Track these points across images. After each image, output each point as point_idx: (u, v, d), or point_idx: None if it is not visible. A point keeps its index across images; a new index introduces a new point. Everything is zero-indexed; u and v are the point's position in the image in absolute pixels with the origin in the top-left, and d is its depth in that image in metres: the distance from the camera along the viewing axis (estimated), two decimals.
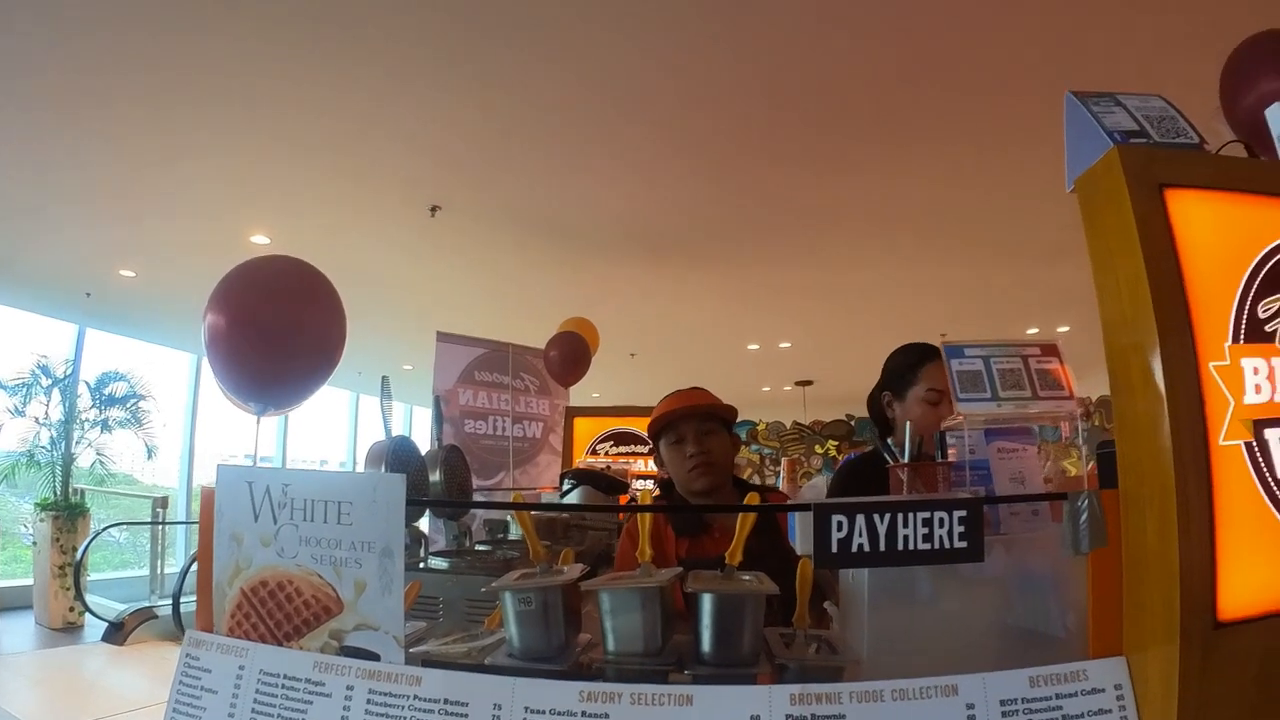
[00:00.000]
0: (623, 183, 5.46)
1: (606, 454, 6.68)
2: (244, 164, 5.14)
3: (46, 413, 8.42)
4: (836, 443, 13.32)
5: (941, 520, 1.21)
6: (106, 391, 8.84)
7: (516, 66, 4.02)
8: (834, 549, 1.20)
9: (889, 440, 2.41)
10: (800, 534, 1.33)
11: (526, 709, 1.17)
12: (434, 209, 5.67)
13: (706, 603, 1.27)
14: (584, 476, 2.94)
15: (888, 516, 1.21)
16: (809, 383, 12.03)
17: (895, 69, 4.05)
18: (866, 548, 1.20)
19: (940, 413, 2.11)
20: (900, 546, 1.21)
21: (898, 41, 3.82)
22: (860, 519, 1.20)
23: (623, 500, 3.27)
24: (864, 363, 10.96)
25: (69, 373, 8.73)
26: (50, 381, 8.48)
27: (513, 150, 4.95)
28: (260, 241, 6.29)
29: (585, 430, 7.28)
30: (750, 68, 4.07)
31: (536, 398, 5.63)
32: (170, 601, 6.68)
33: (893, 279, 7.52)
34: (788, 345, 10.52)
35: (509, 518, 2.55)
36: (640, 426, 7.26)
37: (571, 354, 5.40)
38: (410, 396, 13.50)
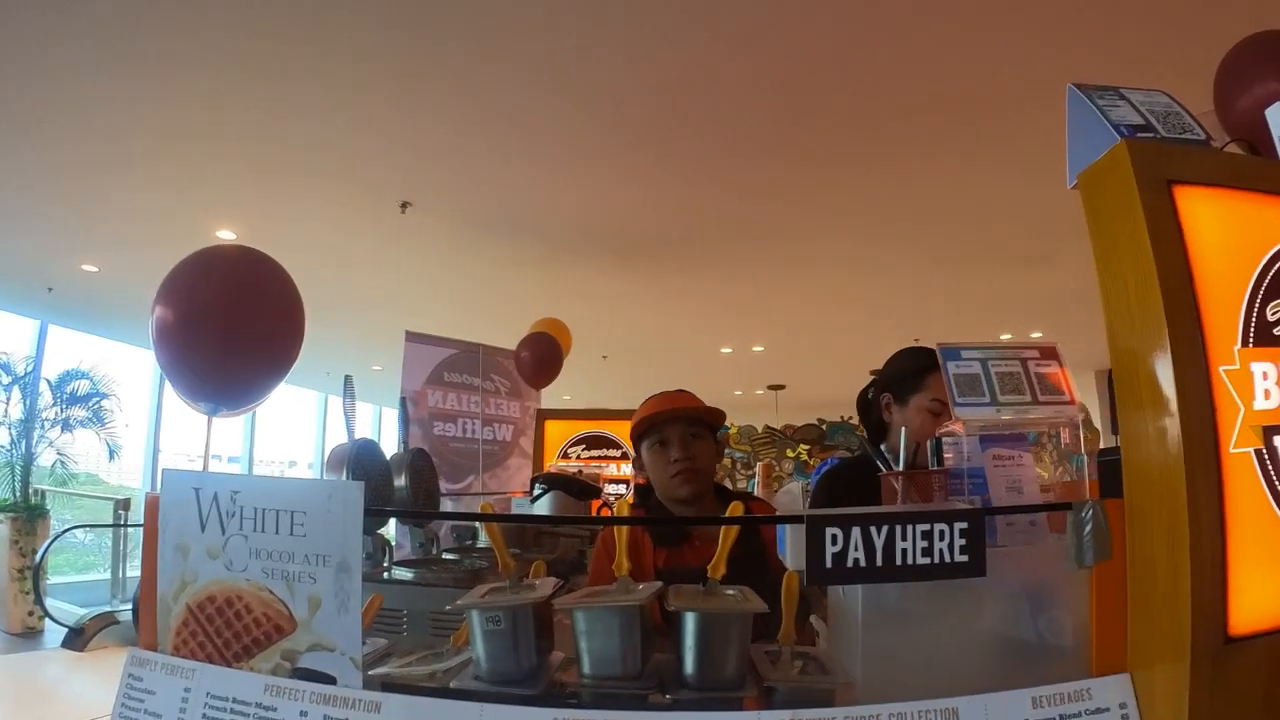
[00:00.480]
0: (595, 184, 5.40)
1: (579, 458, 6.59)
2: (210, 158, 5.02)
3: (6, 411, 8.25)
4: (808, 446, 13.31)
5: (942, 533, 1.15)
6: (68, 389, 8.67)
7: (487, 63, 3.95)
8: (828, 564, 1.13)
9: (881, 445, 2.36)
10: (791, 548, 1.26)
11: None
12: (404, 205, 5.57)
13: (690, 622, 1.19)
14: (555, 481, 2.84)
15: (885, 529, 1.14)
16: (781, 387, 12.04)
17: (871, 74, 4.03)
18: (863, 562, 1.13)
19: (940, 423, 2.06)
20: (898, 561, 1.14)
21: (872, 45, 3.79)
22: (856, 531, 1.13)
23: (594, 505, 3.18)
24: (836, 367, 11.05)
25: (30, 370, 8.55)
26: (10, 379, 8.30)
27: (484, 147, 4.87)
28: (226, 237, 6.15)
29: (557, 433, 7.18)
30: (723, 71, 4.03)
31: (507, 400, 5.55)
32: (132, 606, 6.55)
33: (866, 284, 7.52)
34: (761, 349, 10.51)
35: (477, 525, 2.46)
36: (614, 430, 7.18)
37: (543, 355, 5.32)
38: (379, 398, 13.35)
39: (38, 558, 7.53)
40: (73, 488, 9.07)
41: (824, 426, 13.39)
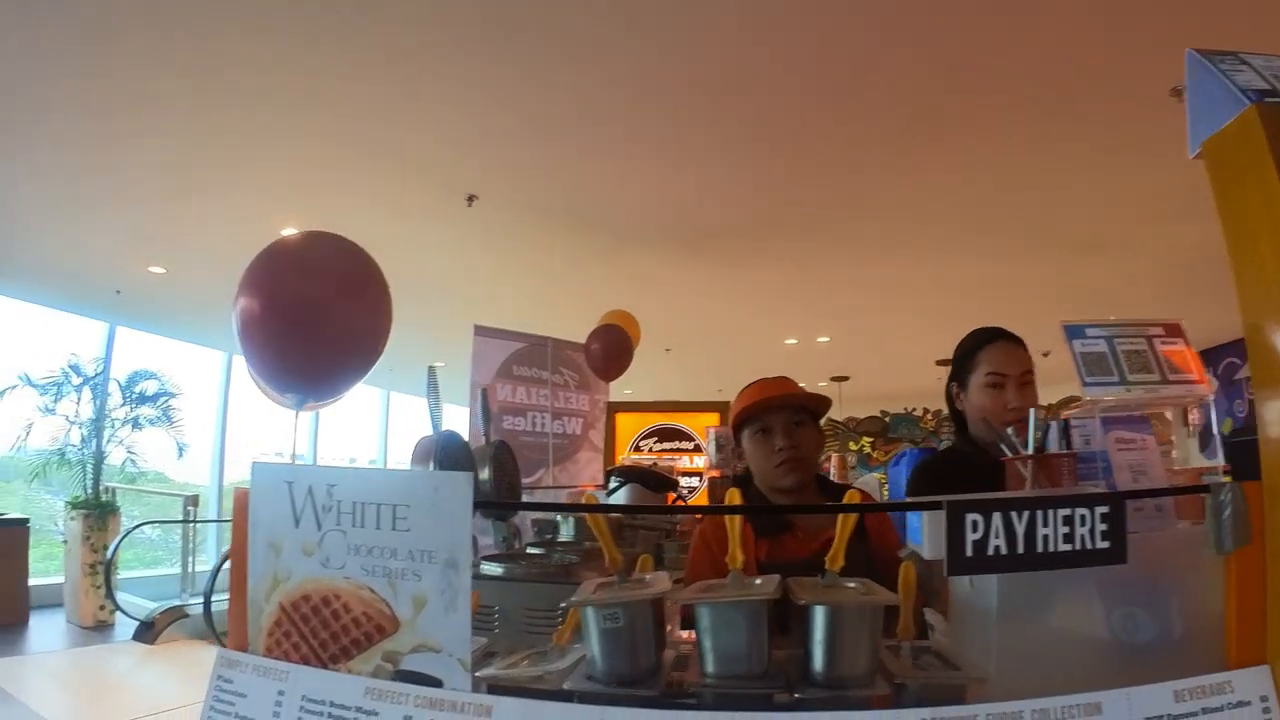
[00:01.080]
0: (661, 175, 5.32)
1: (650, 450, 6.53)
2: (274, 157, 5.05)
3: (77, 411, 8.46)
4: (871, 439, 13.09)
5: (1083, 518, 1.07)
6: (137, 389, 8.87)
7: (553, 55, 3.91)
8: (969, 552, 1.05)
9: (968, 434, 2.27)
10: (929, 537, 1.17)
11: None
12: (471, 199, 5.52)
13: (820, 616, 1.11)
14: (631, 474, 2.77)
15: (1025, 515, 1.07)
16: (845, 378, 11.82)
17: (933, 61, 3.92)
18: (1004, 550, 1.06)
19: (1004, 398, 2.03)
20: (1039, 548, 1.06)
21: (941, 27, 3.66)
22: (997, 518, 1.06)
23: (669, 497, 3.11)
24: (899, 358, 10.87)
25: (99, 371, 8.77)
26: (81, 380, 8.51)
27: (550, 138, 4.82)
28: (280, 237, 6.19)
29: (628, 426, 7.14)
30: (788, 61, 3.94)
31: (576, 393, 5.51)
32: (201, 600, 6.66)
33: (930, 273, 7.35)
34: (825, 340, 10.31)
35: (558, 518, 2.39)
36: (685, 422, 7.13)
37: (614, 347, 5.26)
38: (446, 394, 13.42)
39: (109, 553, 7.71)
40: (141, 485, 9.28)
41: (887, 419, 13.16)
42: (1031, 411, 1.50)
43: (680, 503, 3.15)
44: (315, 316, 1.40)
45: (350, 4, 3.48)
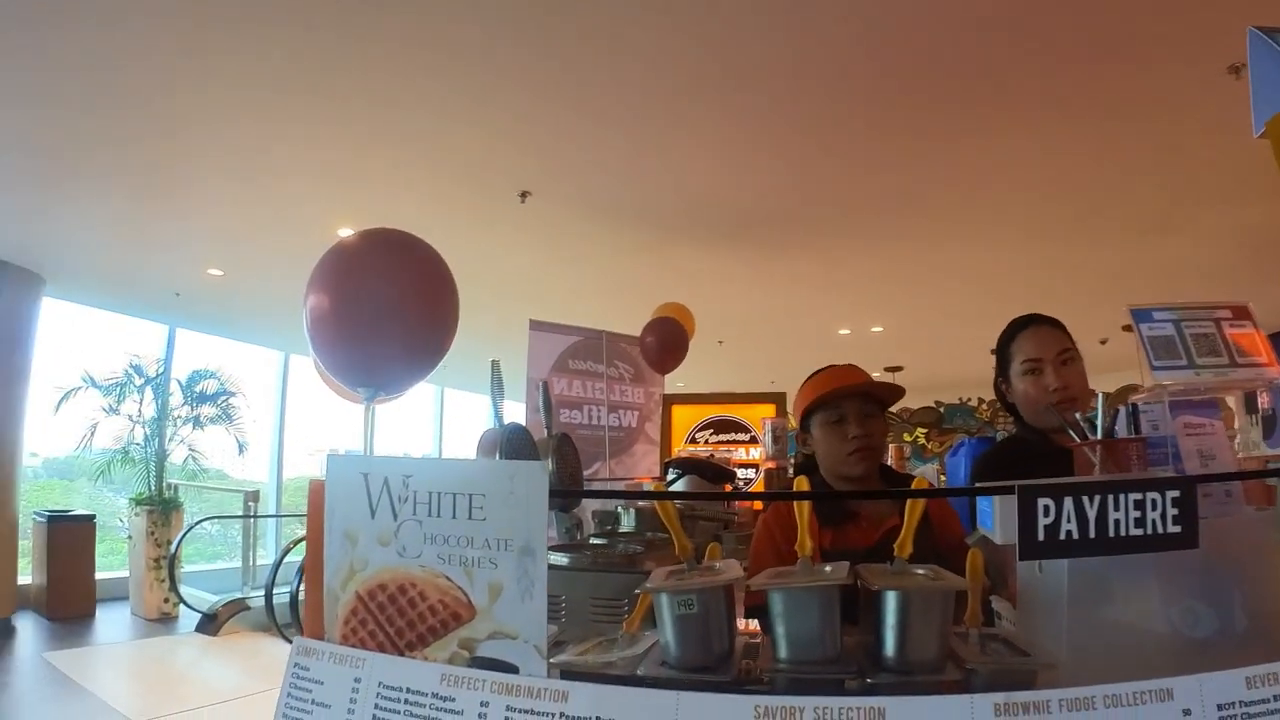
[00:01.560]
0: (712, 167, 5.30)
1: (707, 442, 6.53)
2: (328, 157, 5.13)
3: (140, 411, 8.72)
4: (925, 430, 12.92)
5: (1154, 502, 1.06)
6: (197, 389, 9.10)
7: (604, 50, 3.91)
8: (1041, 537, 1.05)
9: (1026, 424, 2.25)
10: (1001, 521, 1.16)
11: None
12: (524, 195, 5.55)
13: (893, 601, 1.12)
14: (689, 465, 2.79)
15: (1096, 499, 1.06)
16: (899, 368, 11.64)
17: (988, 43, 3.82)
18: (1075, 534, 1.05)
19: (1044, 381, 2.00)
20: (1110, 533, 1.06)
21: (986, 11, 3.57)
22: (1068, 502, 1.05)
23: (726, 488, 3.11)
24: (954, 347, 10.66)
25: (160, 371, 9.01)
26: (143, 380, 8.77)
27: (602, 134, 4.82)
28: (346, 235, 6.26)
29: (683, 418, 7.15)
30: (838, 49, 3.89)
31: (631, 386, 5.52)
32: (263, 593, 6.83)
33: (986, 258, 7.20)
34: (879, 329, 10.18)
35: (619, 509, 2.42)
36: (741, 414, 7.11)
37: (669, 339, 5.26)
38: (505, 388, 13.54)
39: (172, 548, 7.94)
40: (202, 482, 9.53)
41: (941, 409, 12.98)
42: (1100, 395, 1.48)
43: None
44: (389, 312, 1.43)
45: (398, 5, 3.52)
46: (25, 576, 7.86)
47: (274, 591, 6.49)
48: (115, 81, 4.11)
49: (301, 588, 5.81)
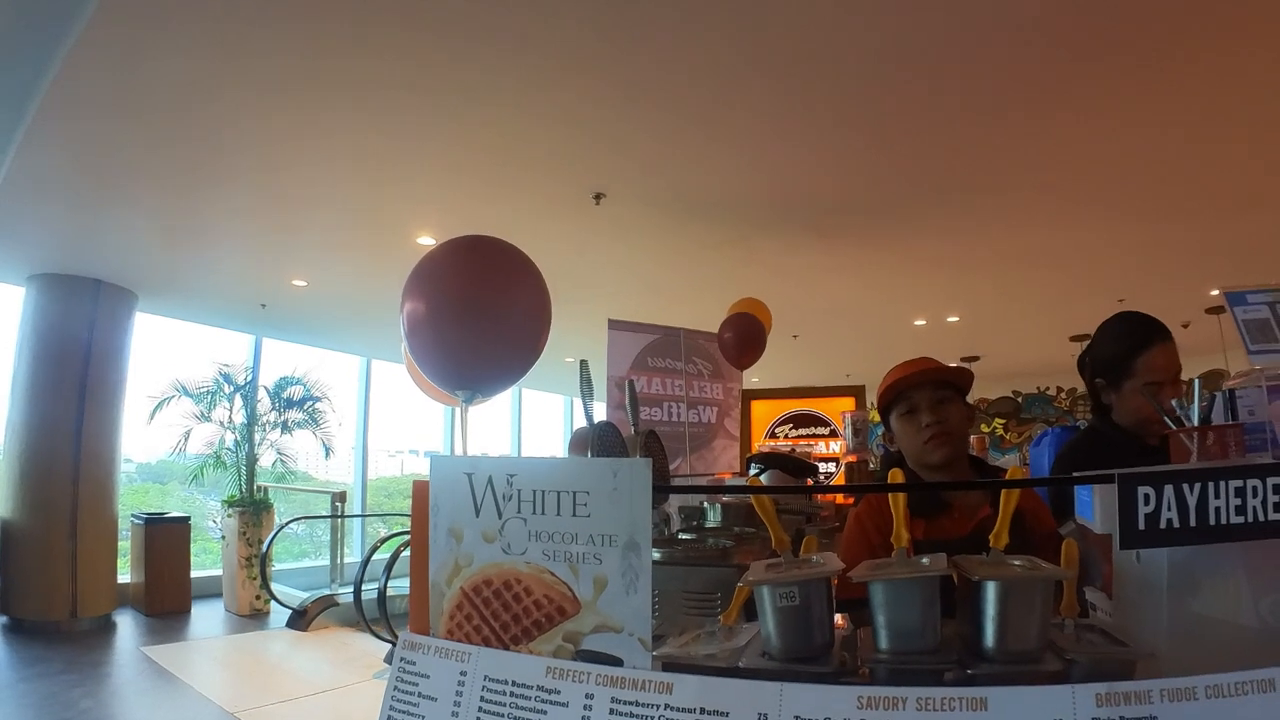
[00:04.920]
0: (782, 159, 5.23)
1: (786, 436, 6.52)
2: (405, 165, 5.23)
3: (230, 417, 9.07)
4: (1004, 420, 12.57)
5: (1255, 489, 1.04)
6: (284, 395, 9.40)
7: (676, 46, 3.89)
8: (1142, 525, 1.04)
9: (1112, 419, 2.20)
10: (1100, 510, 1.16)
11: (796, 718, 1.02)
12: (598, 196, 5.58)
13: (992, 591, 1.11)
14: (771, 460, 2.79)
15: (1196, 487, 1.04)
16: (975, 358, 11.36)
17: (1061, 17, 3.68)
18: (1176, 523, 1.04)
19: (1164, 397, 1.89)
20: (1211, 521, 1.04)
21: None
22: (1169, 490, 1.04)
23: (808, 482, 3.11)
24: (1032, 334, 10.34)
25: (249, 379, 9.35)
26: (232, 388, 9.11)
27: (673, 131, 4.81)
28: (426, 242, 6.37)
29: (763, 413, 7.13)
30: (913, 33, 3.80)
31: (709, 382, 5.54)
32: (350, 589, 7.03)
33: (1063, 240, 6.95)
34: (955, 319, 9.96)
35: (704, 505, 2.44)
36: (820, 408, 7.08)
37: (747, 335, 5.26)
38: (574, 389, 13.62)
39: (264, 547, 8.23)
40: (290, 484, 9.86)
41: (1020, 399, 12.63)
42: (1196, 381, 1.45)
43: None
44: (486, 314, 1.48)
45: (466, 15, 3.55)
46: (124, 575, 8.24)
47: (362, 588, 6.68)
48: (198, 99, 4.24)
49: (389, 584, 5.98)
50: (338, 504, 9.16)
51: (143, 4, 3.42)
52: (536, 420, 14.93)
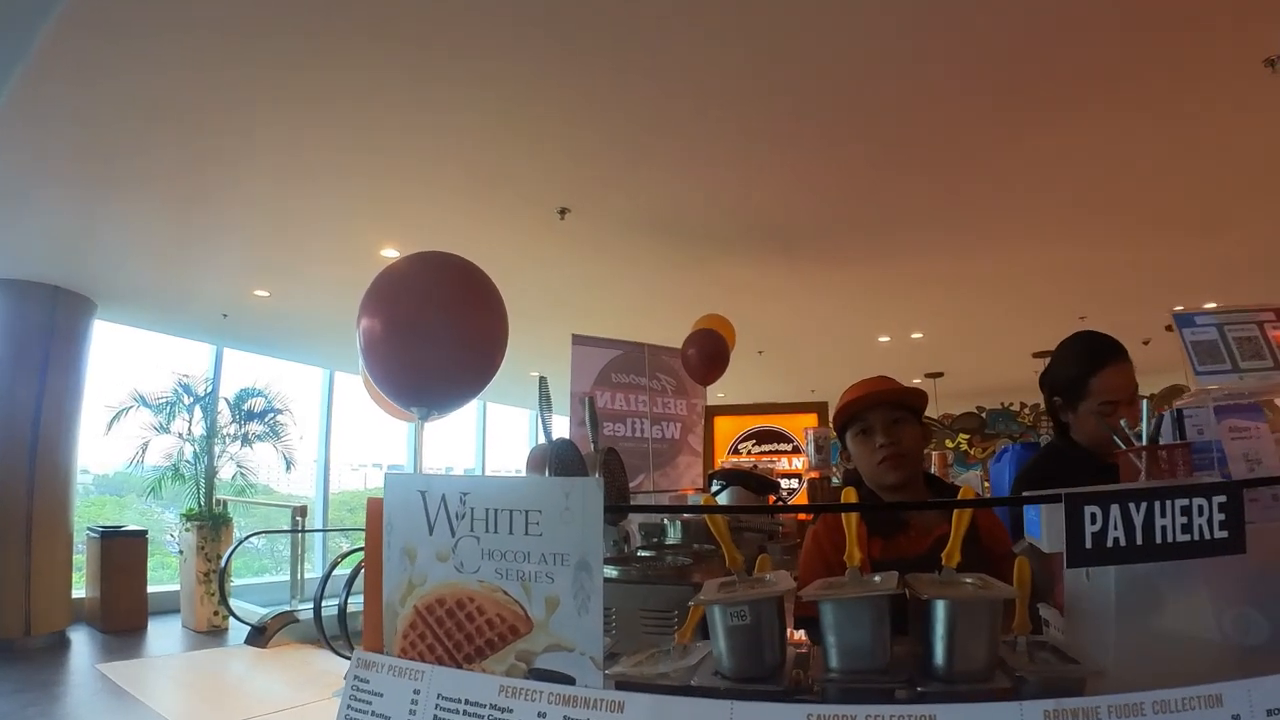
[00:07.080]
0: (748, 179, 5.30)
1: (749, 453, 6.55)
2: (372, 183, 5.23)
3: (189, 428, 8.90)
4: (968, 436, 12.73)
5: (1200, 507, 1.06)
6: (245, 407, 9.27)
7: (640, 65, 3.93)
8: (1088, 544, 1.06)
9: (1069, 435, 2.23)
10: (1047, 529, 1.18)
11: None
12: (563, 211, 5.60)
13: (942, 610, 1.13)
14: (733, 476, 2.80)
15: (1143, 505, 1.06)
16: (939, 374, 11.55)
17: (1028, 42, 3.75)
18: (1123, 541, 1.06)
19: (1118, 417, 1.94)
20: (1158, 539, 1.06)
21: (1021, 15, 3.54)
22: (1115, 509, 1.06)
23: (770, 499, 3.12)
24: (996, 352, 10.47)
25: (209, 390, 9.20)
26: (191, 399, 8.96)
27: (638, 149, 4.85)
28: (390, 255, 6.34)
29: (726, 429, 7.15)
30: (873, 61, 3.89)
31: (673, 398, 5.56)
32: (310, 606, 6.93)
33: (1028, 261, 7.10)
34: (919, 336, 10.08)
35: (665, 521, 2.44)
36: (783, 424, 7.11)
37: (710, 351, 5.27)
38: (533, 403, 13.60)
39: (223, 562, 8.09)
40: (250, 497, 9.71)
41: (984, 415, 12.78)
42: (1144, 402, 1.48)
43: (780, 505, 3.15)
44: (441, 333, 1.47)
45: (444, 18, 3.53)
46: (80, 590, 8.05)
47: (322, 604, 6.59)
48: (163, 108, 4.20)
49: (349, 600, 5.90)
50: (298, 518, 9.02)
51: (102, 17, 3.38)
52: (502, 434, 14.88)
